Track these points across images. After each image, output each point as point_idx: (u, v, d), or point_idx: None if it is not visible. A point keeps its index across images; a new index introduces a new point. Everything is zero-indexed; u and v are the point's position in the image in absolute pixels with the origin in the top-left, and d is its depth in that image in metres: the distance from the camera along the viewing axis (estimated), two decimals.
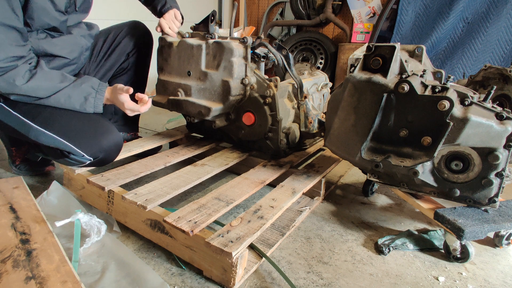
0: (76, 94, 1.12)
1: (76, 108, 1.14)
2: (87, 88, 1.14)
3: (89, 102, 1.14)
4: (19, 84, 1.03)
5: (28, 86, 1.05)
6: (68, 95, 1.11)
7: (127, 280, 0.87)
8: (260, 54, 1.39)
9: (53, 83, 1.09)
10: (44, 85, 1.08)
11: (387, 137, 1.04)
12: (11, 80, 1.02)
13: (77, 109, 1.15)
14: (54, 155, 1.19)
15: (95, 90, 1.15)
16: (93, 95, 1.14)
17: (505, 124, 0.90)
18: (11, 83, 1.02)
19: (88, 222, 1.01)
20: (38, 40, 1.13)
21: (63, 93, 1.10)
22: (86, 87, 1.14)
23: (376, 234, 1.15)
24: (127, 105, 1.19)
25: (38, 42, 1.13)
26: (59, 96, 1.10)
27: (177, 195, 1.20)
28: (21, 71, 1.03)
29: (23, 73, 1.04)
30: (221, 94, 1.35)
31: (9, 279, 0.77)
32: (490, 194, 0.97)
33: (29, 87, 1.05)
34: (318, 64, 3.28)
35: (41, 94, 1.08)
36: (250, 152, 1.48)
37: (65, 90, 1.11)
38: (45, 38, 1.15)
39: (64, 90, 1.11)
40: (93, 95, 1.14)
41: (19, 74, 1.03)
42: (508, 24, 2.42)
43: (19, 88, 1.04)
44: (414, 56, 1.21)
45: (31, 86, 1.05)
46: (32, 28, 1.10)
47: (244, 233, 0.90)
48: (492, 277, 0.97)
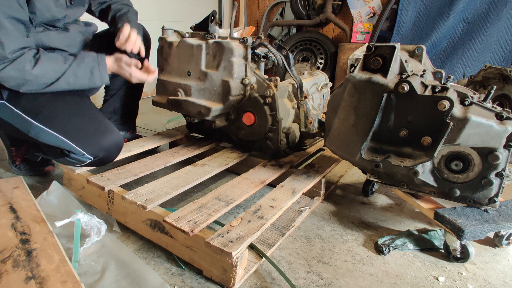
0: (82, 71, 1.13)
1: (86, 84, 1.15)
2: (89, 62, 1.15)
3: (96, 75, 1.15)
4: (28, 69, 1.04)
5: (37, 70, 1.05)
6: (75, 73, 1.12)
7: (127, 280, 0.87)
8: (260, 54, 1.39)
9: (58, 64, 1.10)
10: (50, 67, 1.08)
11: (387, 137, 1.04)
12: (21, 67, 1.03)
13: (86, 86, 1.16)
14: (54, 154, 1.19)
15: (96, 62, 1.16)
16: (96, 67, 1.15)
17: (505, 124, 0.90)
18: (22, 69, 1.03)
19: (88, 222, 1.00)
20: (37, 34, 1.13)
21: (70, 72, 1.11)
22: (88, 61, 1.15)
23: (376, 234, 1.15)
24: (134, 73, 1.22)
25: (37, 35, 1.13)
26: (67, 76, 1.11)
27: (177, 195, 1.20)
28: (28, 58, 1.05)
29: (30, 59, 1.05)
30: (221, 94, 1.35)
31: (9, 279, 0.77)
32: (490, 194, 0.97)
33: (37, 70, 1.05)
34: (318, 64, 3.28)
35: (50, 77, 1.08)
36: (250, 152, 1.48)
37: (71, 69, 1.11)
38: (43, 32, 1.15)
39: (70, 69, 1.11)
40: (97, 68, 1.16)
41: (27, 60, 1.04)
42: (508, 24, 2.42)
43: (30, 73, 1.04)
44: (414, 56, 1.21)
45: (39, 69, 1.06)
46: (33, 23, 1.11)
47: (244, 233, 0.90)
48: (492, 277, 0.97)
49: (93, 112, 1.23)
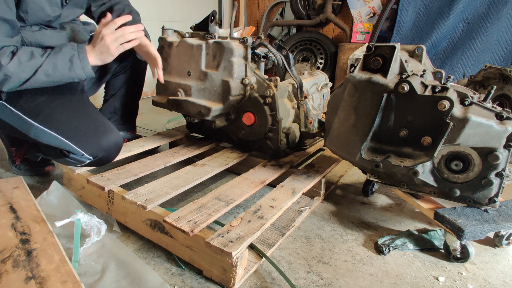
0: (60, 60, 1.05)
1: (66, 75, 1.06)
2: (68, 50, 1.07)
3: (76, 64, 1.06)
4: (4, 64, 0.98)
5: (13, 64, 1.00)
6: (53, 64, 1.04)
7: (127, 280, 0.87)
8: (260, 54, 1.39)
9: (35, 57, 1.03)
10: (26, 60, 1.01)
11: (387, 137, 1.04)
12: None
13: (67, 76, 1.07)
14: (53, 155, 1.19)
15: (75, 50, 1.07)
16: (76, 55, 1.06)
17: (505, 124, 0.90)
18: None
19: (88, 222, 1.01)
20: (32, 33, 1.12)
21: (47, 64, 1.03)
22: (66, 50, 1.07)
23: (376, 234, 1.15)
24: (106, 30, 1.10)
25: (32, 34, 1.12)
26: (45, 67, 1.03)
27: (177, 195, 1.20)
28: (5, 53, 1.00)
29: (7, 54, 1.00)
30: (221, 94, 1.35)
31: (9, 279, 0.77)
32: (490, 194, 0.97)
33: (14, 64, 1.00)
34: (318, 64, 3.28)
35: (27, 71, 1.02)
36: (250, 152, 1.48)
37: (48, 60, 1.04)
38: (38, 31, 1.14)
39: (47, 61, 1.04)
40: (76, 56, 1.06)
41: (4, 55, 0.99)
42: (508, 24, 2.42)
43: (5, 68, 0.99)
44: (414, 56, 1.21)
45: (16, 63, 1.00)
46: (26, 23, 1.09)
47: (244, 233, 0.90)
48: (492, 277, 0.97)
49: (93, 112, 1.23)
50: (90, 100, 1.36)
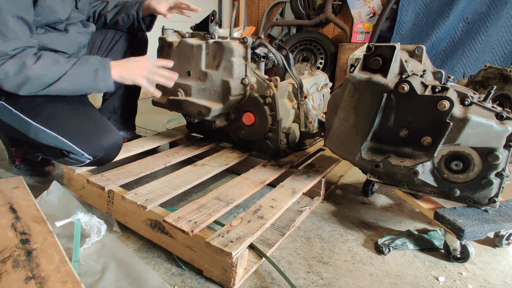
0: (85, 71, 1.08)
1: (89, 85, 1.10)
2: (93, 62, 1.11)
3: (100, 77, 1.10)
4: (29, 64, 1.00)
5: (38, 66, 1.01)
6: (79, 73, 1.08)
7: (127, 280, 0.87)
8: (260, 54, 1.39)
9: (60, 63, 1.06)
10: (52, 64, 1.04)
11: (387, 137, 1.04)
12: (22, 62, 0.99)
13: (89, 87, 1.11)
14: (53, 155, 1.19)
15: (100, 64, 1.11)
16: (101, 68, 1.10)
17: (505, 124, 0.90)
18: (22, 64, 0.99)
19: (88, 222, 1.00)
20: (38, 35, 1.13)
21: (73, 71, 1.07)
22: (92, 62, 1.11)
23: (376, 234, 1.15)
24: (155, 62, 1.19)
25: (38, 37, 1.13)
26: (70, 75, 1.06)
27: (177, 195, 1.20)
28: (29, 54, 1.02)
29: (31, 55, 1.02)
30: (221, 94, 1.35)
31: (9, 279, 0.77)
32: (490, 194, 0.97)
33: (39, 67, 1.01)
34: (318, 64, 3.28)
35: (52, 76, 1.04)
36: (250, 152, 1.48)
37: (74, 68, 1.07)
38: (44, 33, 1.15)
39: (73, 69, 1.07)
40: (101, 69, 1.11)
41: (28, 56, 1.01)
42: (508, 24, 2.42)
43: (29, 69, 1.00)
44: (414, 56, 1.21)
45: (41, 65, 1.02)
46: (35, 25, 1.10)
47: (244, 233, 0.90)
48: (492, 277, 0.97)
49: (92, 112, 1.23)
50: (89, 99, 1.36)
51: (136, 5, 1.45)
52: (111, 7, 1.47)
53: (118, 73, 1.14)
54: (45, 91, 1.06)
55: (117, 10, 1.46)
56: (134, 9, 1.45)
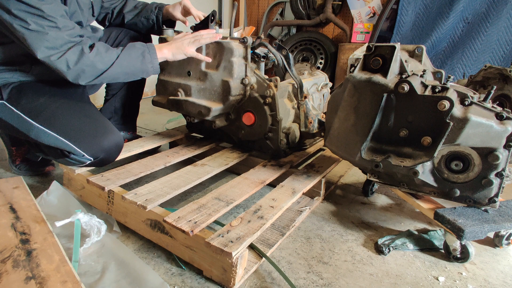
0: (134, 54, 1.14)
1: (138, 68, 1.16)
2: (139, 46, 1.17)
3: (147, 59, 1.16)
4: (86, 52, 1.06)
5: (93, 54, 1.07)
6: (128, 57, 1.13)
7: (127, 280, 0.87)
8: (260, 54, 1.39)
9: (111, 50, 1.12)
10: (104, 52, 1.10)
11: (387, 137, 1.04)
12: (80, 50, 1.05)
13: (139, 70, 1.17)
14: (54, 155, 1.19)
15: (145, 47, 1.18)
16: (147, 51, 1.17)
17: (505, 124, 0.90)
18: (81, 52, 1.05)
19: (88, 222, 1.00)
20: None
21: (122, 56, 1.12)
22: (138, 46, 1.17)
23: (376, 234, 1.15)
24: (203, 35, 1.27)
25: None
26: (121, 60, 1.12)
27: (177, 195, 1.20)
28: (86, 43, 1.08)
29: (88, 45, 1.08)
30: (221, 94, 1.35)
31: (9, 279, 0.77)
32: (490, 194, 0.97)
33: (94, 54, 1.07)
34: (318, 64, 3.28)
35: (105, 62, 1.09)
36: (250, 152, 1.48)
37: (123, 54, 1.13)
38: None
39: (123, 54, 1.12)
40: (147, 51, 1.17)
41: (86, 44, 1.07)
42: (508, 24, 2.42)
43: (87, 57, 1.05)
44: (414, 56, 1.21)
45: (95, 53, 1.07)
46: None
47: (244, 233, 0.90)
48: (492, 277, 0.97)
49: (93, 113, 1.23)
50: (91, 99, 1.37)
51: (156, 10, 1.48)
52: (131, 8, 1.49)
53: (169, 51, 1.22)
54: (100, 77, 1.11)
55: (137, 12, 1.49)
56: (154, 14, 1.48)
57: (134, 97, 1.67)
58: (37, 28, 0.98)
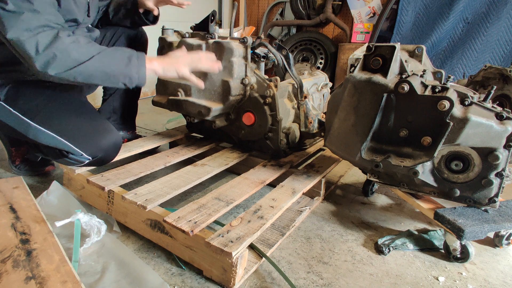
0: (119, 55, 1.03)
1: (121, 70, 1.02)
2: (128, 50, 1.06)
3: (133, 64, 1.03)
4: (62, 37, 0.95)
5: (70, 41, 0.96)
6: (112, 55, 1.02)
7: (127, 280, 0.87)
8: (260, 54, 1.39)
9: (94, 44, 1.02)
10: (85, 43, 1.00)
11: (387, 137, 1.04)
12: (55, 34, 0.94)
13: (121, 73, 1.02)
14: (53, 155, 1.19)
15: (134, 53, 1.06)
16: (135, 56, 1.04)
17: (505, 124, 0.90)
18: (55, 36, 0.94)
19: (88, 222, 1.00)
20: None
21: (106, 53, 1.01)
22: (127, 50, 1.06)
23: (376, 234, 1.15)
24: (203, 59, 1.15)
25: None
26: (102, 56, 1.00)
27: (177, 195, 1.20)
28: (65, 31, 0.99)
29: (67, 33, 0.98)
30: (221, 94, 1.35)
31: (9, 279, 0.77)
32: (490, 194, 0.97)
33: (70, 41, 0.96)
34: (318, 64, 3.28)
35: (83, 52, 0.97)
36: (250, 152, 1.48)
37: (107, 51, 1.02)
38: None
39: (107, 51, 1.02)
40: (135, 56, 1.04)
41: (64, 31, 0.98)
42: (508, 24, 2.42)
43: (62, 41, 0.94)
44: (414, 56, 1.21)
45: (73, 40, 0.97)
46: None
47: (244, 233, 0.90)
48: (492, 277, 0.97)
49: (91, 113, 1.23)
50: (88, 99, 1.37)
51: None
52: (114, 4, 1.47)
53: (159, 65, 1.09)
54: (74, 70, 0.97)
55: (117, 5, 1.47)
56: (130, 2, 1.45)
57: (132, 96, 1.67)
58: (15, 8, 0.90)
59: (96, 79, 1.02)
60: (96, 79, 1.02)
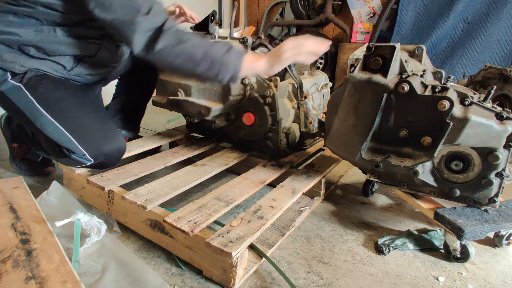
0: (219, 44, 1.06)
1: (218, 56, 1.03)
2: (230, 44, 1.08)
3: (232, 55, 1.05)
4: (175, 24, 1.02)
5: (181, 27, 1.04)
6: (213, 43, 1.06)
7: (127, 280, 0.87)
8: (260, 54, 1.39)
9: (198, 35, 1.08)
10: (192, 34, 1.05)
11: (387, 137, 1.04)
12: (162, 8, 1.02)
13: (217, 59, 1.03)
14: (55, 153, 1.19)
15: (236, 48, 1.08)
16: (234, 50, 1.07)
17: (505, 124, 0.90)
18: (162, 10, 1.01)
19: (88, 222, 1.00)
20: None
21: (205, 39, 1.06)
22: (229, 44, 1.08)
23: (376, 234, 1.15)
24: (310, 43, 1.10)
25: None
26: (202, 40, 1.05)
27: (177, 195, 1.20)
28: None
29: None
30: (221, 94, 1.35)
31: (9, 279, 0.77)
32: (490, 194, 0.97)
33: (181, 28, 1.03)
34: (318, 64, 3.28)
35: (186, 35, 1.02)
36: (250, 152, 1.48)
37: (210, 40, 1.08)
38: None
39: (209, 39, 1.08)
40: (235, 51, 1.06)
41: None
42: (508, 24, 2.42)
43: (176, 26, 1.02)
44: (414, 56, 1.21)
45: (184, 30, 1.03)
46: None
47: (244, 233, 0.90)
48: (492, 277, 0.97)
49: (103, 116, 1.23)
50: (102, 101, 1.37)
51: None
52: None
53: (267, 61, 1.10)
54: (179, 47, 1.01)
55: None
56: None
57: (142, 99, 1.67)
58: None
59: (193, 59, 1.03)
60: (193, 59, 1.03)
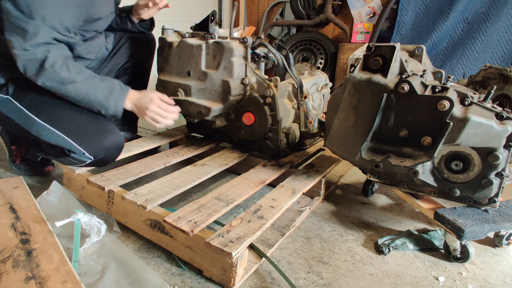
0: (103, 85, 1.14)
1: (100, 99, 1.14)
2: (115, 83, 1.17)
3: (114, 97, 1.15)
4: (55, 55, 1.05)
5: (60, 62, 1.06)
6: (97, 84, 1.13)
7: (127, 280, 0.87)
8: (260, 54, 1.39)
9: (85, 71, 1.12)
10: (74, 66, 1.10)
11: (387, 137, 1.04)
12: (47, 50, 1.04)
13: (99, 101, 1.14)
14: (54, 154, 1.19)
15: (120, 87, 1.18)
16: (118, 90, 1.16)
17: (505, 124, 0.90)
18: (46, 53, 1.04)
19: (88, 222, 1.00)
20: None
21: (92, 81, 1.13)
22: (114, 82, 1.18)
23: (376, 234, 1.15)
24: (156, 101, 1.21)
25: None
26: (88, 83, 1.11)
27: (177, 195, 1.20)
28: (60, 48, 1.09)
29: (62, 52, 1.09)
30: (221, 94, 1.35)
31: (9, 279, 0.77)
32: (490, 194, 0.97)
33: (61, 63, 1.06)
34: (318, 64, 3.28)
35: (70, 75, 1.08)
36: (250, 152, 1.48)
37: (94, 79, 1.13)
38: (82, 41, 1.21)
39: (94, 79, 1.13)
40: (118, 90, 1.16)
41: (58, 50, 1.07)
42: (508, 24, 2.42)
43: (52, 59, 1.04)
44: (414, 56, 1.21)
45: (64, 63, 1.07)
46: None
47: (244, 233, 0.90)
48: (492, 277, 0.97)
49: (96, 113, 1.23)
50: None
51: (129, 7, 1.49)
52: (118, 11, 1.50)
53: (132, 103, 1.20)
54: (59, 88, 1.09)
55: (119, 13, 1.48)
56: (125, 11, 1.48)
57: None
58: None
59: (77, 99, 1.14)
60: (77, 99, 1.14)
